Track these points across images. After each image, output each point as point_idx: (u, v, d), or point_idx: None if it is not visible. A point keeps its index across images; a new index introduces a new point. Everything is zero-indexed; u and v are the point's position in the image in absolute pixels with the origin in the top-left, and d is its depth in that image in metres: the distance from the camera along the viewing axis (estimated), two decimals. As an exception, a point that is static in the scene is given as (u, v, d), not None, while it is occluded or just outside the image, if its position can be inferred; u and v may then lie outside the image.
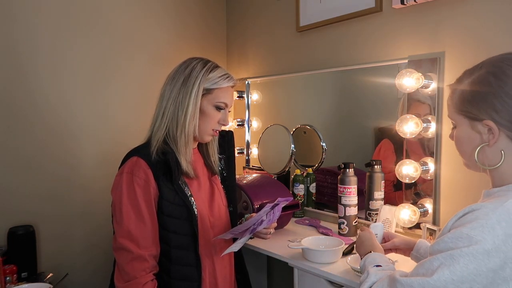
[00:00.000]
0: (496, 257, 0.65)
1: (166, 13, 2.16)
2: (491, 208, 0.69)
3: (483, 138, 0.77)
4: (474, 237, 0.66)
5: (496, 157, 0.76)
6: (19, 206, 1.71)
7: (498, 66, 0.76)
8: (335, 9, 1.74)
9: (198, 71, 1.12)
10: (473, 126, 0.78)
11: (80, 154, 1.88)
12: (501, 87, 0.73)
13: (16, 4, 1.69)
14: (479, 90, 0.76)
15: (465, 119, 0.79)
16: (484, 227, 0.67)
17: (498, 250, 0.65)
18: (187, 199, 1.12)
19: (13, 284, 1.51)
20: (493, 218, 0.67)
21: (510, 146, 0.75)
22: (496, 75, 0.75)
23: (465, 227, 0.69)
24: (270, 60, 2.15)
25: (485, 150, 0.78)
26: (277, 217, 1.18)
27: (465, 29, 1.34)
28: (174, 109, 1.12)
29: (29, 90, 1.73)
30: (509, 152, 0.75)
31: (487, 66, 0.78)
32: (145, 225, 1.06)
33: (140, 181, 1.06)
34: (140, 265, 1.05)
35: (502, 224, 0.67)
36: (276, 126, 1.97)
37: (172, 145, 1.12)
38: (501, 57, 0.77)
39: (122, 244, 1.05)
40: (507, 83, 0.73)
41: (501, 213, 0.68)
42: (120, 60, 1.99)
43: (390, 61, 1.54)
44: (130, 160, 1.10)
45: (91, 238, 1.89)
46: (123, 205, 1.06)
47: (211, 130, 1.17)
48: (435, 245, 0.72)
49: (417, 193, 1.46)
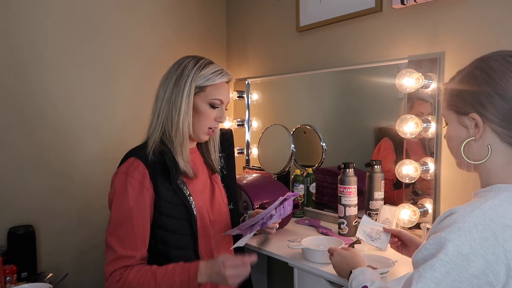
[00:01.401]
0: (476, 261, 0.64)
1: (165, 13, 2.16)
2: (468, 211, 0.68)
3: (469, 132, 0.77)
4: (451, 242, 0.65)
5: (482, 152, 0.76)
6: (19, 206, 1.71)
7: (486, 61, 0.76)
8: (335, 9, 1.74)
9: (190, 70, 1.12)
10: (460, 120, 0.78)
11: (80, 154, 1.88)
12: (487, 81, 0.74)
13: (17, 5, 1.69)
14: (467, 84, 0.77)
15: (454, 114, 0.80)
16: (461, 230, 0.65)
17: (476, 254, 0.64)
18: (186, 199, 1.12)
19: (13, 284, 1.51)
20: (469, 222, 0.66)
21: (496, 141, 0.75)
22: (483, 69, 0.75)
23: (444, 231, 0.67)
24: (270, 60, 2.15)
25: (471, 144, 0.77)
26: (289, 212, 1.19)
27: (465, 29, 1.34)
28: (168, 109, 1.12)
29: (29, 90, 1.73)
30: (496, 148, 0.75)
31: (476, 62, 0.79)
32: (133, 226, 1.06)
33: (134, 182, 1.07)
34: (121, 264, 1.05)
35: (479, 227, 0.65)
36: (276, 126, 1.97)
37: (169, 145, 1.12)
38: (490, 54, 0.78)
39: (108, 242, 1.07)
40: (493, 77, 0.73)
41: (478, 216, 0.66)
42: (120, 60, 1.99)
43: (390, 61, 1.54)
44: (127, 161, 1.10)
45: (91, 238, 1.89)
46: (113, 205, 1.07)
47: (206, 128, 1.16)
48: (418, 253, 0.71)
49: (416, 193, 1.46)
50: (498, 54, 0.76)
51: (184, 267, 1.05)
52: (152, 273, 1.05)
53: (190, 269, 1.04)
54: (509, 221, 0.66)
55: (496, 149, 0.75)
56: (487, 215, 0.67)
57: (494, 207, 0.68)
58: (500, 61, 0.75)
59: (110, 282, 1.05)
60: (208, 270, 1.04)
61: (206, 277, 1.04)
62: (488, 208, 0.68)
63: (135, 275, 1.04)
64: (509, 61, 0.74)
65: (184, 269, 1.05)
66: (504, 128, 0.73)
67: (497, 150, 0.75)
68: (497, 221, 0.66)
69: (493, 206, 0.68)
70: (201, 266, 1.04)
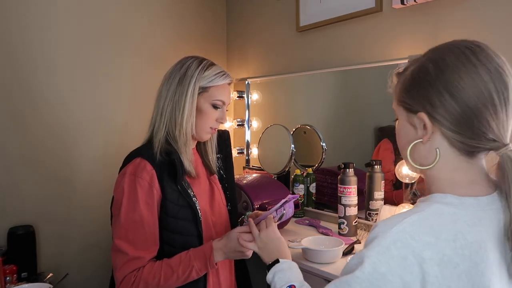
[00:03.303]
0: (393, 281, 0.57)
1: (165, 13, 2.16)
2: (389, 225, 0.61)
3: (417, 133, 0.67)
4: (368, 258, 0.59)
5: (430, 155, 0.66)
6: (19, 206, 1.71)
7: (440, 53, 0.66)
8: (335, 9, 1.74)
9: (194, 70, 1.12)
10: (409, 119, 0.68)
11: (80, 154, 1.88)
12: (438, 77, 0.63)
13: (12, 5, 1.69)
14: (417, 78, 0.66)
15: (403, 111, 0.69)
16: (380, 246, 0.59)
17: (393, 274, 0.57)
18: (191, 200, 1.11)
19: (13, 284, 1.51)
20: (389, 237, 0.59)
21: (444, 146, 0.65)
22: (435, 62, 0.65)
23: (366, 247, 0.61)
24: (270, 60, 2.15)
25: (419, 147, 0.68)
26: (290, 215, 1.20)
27: (465, 29, 1.34)
28: (171, 109, 1.11)
29: (29, 90, 1.73)
30: (444, 152, 0.65)
31: (430, 52, 0.68)
32: (144, 227, 1.05)
33: (143, 183, 1.06)
34: (134, 266, 1.04)
35: (397, 245, 0.58)
36: (276, 126, 1.97)
37: (174, 145, 1.12)
38: (447, 43, 0.67)
39: (118, 245, 1.04)
40: (444, 72, 0.63)
41: (398, 232, 0.59)
42: (119, 61, 1.99)
43: (390, 61, 1.54)
44: (133, 162, 1.09)
45: (91, 238, 1.89)
46: (123, 207, 1.05)
47: (208, 128, 1.16)
48: (345, 267, 0.64)
49: (416, 193, 1.46)
50: (455, 45, 0.66)
51: (197, 251, 1.07)
52: (166, 264, 1.05)
53: (205, 251, 1.06)
54: (430, 238, 0.58)
55: (444, 153, 0.65)
56: (407, 231, 0.59)
57: (417, 222, 0.60)
58: (455, 53, 0.64)
59: (124, 286, 1.03)
60: (224, 247, 1.05)
61: (223, 255, 1.06)
62: (409, 223, 0.60)
63: (149, 271, 1.03)
64: (465, 54, 0.63)
65: (199, 252, 1.06)
66: (454, 132, 0.63)
67: (445, 154, 0.65)
68: (418, 238, 0.58)
69: (416, 221, 0.60)
70: (215, 245, 1.06)
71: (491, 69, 0.62)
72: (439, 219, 0.61)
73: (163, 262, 1.06)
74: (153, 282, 1.03)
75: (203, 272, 1.06)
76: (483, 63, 0.62)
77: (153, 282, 1.03)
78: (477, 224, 0.61)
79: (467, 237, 0.59)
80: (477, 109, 0.61)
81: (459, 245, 0.59)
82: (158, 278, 1.03)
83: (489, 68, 0.62)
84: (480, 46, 0.65)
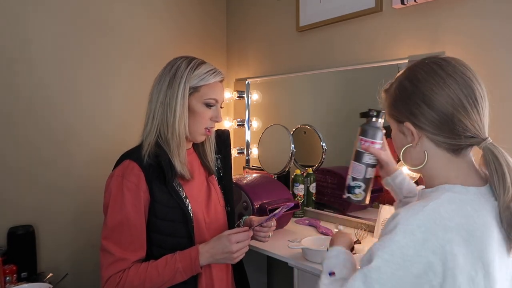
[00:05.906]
0: (419, 262, 0.66)
1: (167, 12, 2.16)
2: (411, 213, 0.69)
3: (408, 139, 0.79)
4: (397, 243, 0.67)
5: (420, 157, 0.78)
6: (19, 206, 1.71)
7: (412, 71, 0.78)
8: (335, 9, 1.74)
9: (183, 71, 1.11)
10: (399, 128, 0.81)
11: (80, 154, 1.88)
12: (414, 92, 0.76)
13: (8, 3, 1.69)
14: (398, 94, 0.79)
15: (394, 122, 0.83)
16: (405, 232, 0.67)
17: (419, 255, 0.66)
18: (182, 201, 1.11)
19: (13, 284, 1.51)
20: (413, 223, 0.67)
21: (432, 147, 0.77)
22: (410, 79, 0.77)
23: (390, 234, 0.68)
24: (270, 60, 2.15)
25: (410, 151, 0.80)
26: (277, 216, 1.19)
27: (465, 29, 1.34)
28: (162, 111, 1.11)
29: (28, 91, 1.73)
30: (433, 153, 0.77)
31: (405, 71, 0.81)
32: (130, 229, 1.05)
33: (130, 185, 1.06)
34: (120, 267, 1.04)
35: (422, 229, 0.67)
36: (276, 126, 1.97)
37: (165, 147, 1.11)
38: (417, 62, 0.79)
39: (105, 246, 1.05)
40: (419, 87, 0.75)
41: (421, 218, 0.68)
42: (119, 61, 1.99)
43: (390, 61, 1.54)
44: (122, 164, 1.09)
45: (91, 238, 1.89)
46: (109, 208, 1.06)
47: (203, 129, 1.15)
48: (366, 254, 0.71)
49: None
50: (423, 63, 0.78)
51: (183, 253, 1.07)
52: (151, 266, 1.05)
53: (191, 253, 1.06)
54: (450, 223, 0.68)
55: (433, 154, 0.77)
56: (430, 217, 0.68)
57: (436, 208, 0.69)
58: (425, 69, 0.76)
59: (109, 286, 1.04)
60: (211, 250, 1.05)
61: (210, 258, 1.06)
62: (431, 209, 0.69)
63: (135, 273, 1.04)
64: (433, 69, 0.75)
65: (184, 255, 1.06)
66: (437, 135, 0.75)
67: (434, 155, 0.77)
68: (439, 223, 0.67)
69: (436, 207, 0.69)
70: (202, 248, 1.06)
71: (457, 78, 0.73)
72: (453, 205, 0.70)
73: (149, 264, 1.06)
74: (138, 284, 1.03)
75: (188, 275, 1.06)
76: (450, 74, 0.74)
77: (138, 283, 1.03)
78: (482, 209, 0.71)
79: (477, 221, 0.70)
80: (451, 113, 0.73)
81: (472, 228, 0.69)
82: (143, 280, 1.03)
83: (456, 78, 0.73)
84: (446, 60, 0.76)
